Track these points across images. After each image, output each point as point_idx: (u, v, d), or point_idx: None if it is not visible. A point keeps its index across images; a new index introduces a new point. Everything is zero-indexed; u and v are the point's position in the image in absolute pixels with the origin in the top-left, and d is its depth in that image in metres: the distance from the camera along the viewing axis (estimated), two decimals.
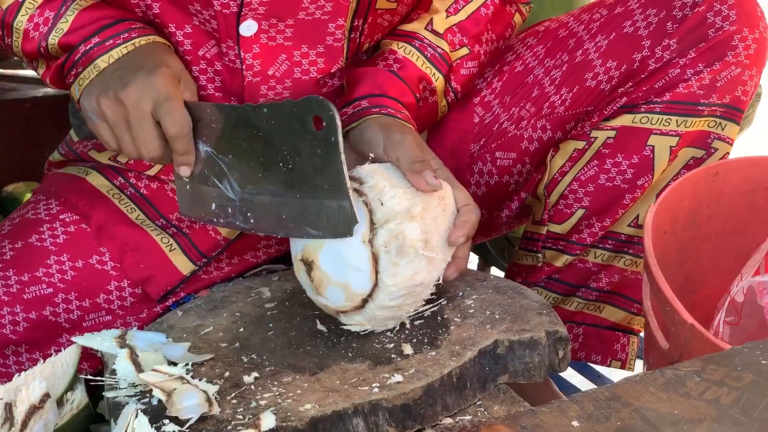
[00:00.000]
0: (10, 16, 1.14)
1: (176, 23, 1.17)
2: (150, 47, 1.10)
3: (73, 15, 1.12)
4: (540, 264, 1.31)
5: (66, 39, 1.12)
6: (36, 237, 1.21)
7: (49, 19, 1.13)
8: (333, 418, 0.90)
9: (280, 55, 1.18)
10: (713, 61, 1.18)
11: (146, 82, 1.04)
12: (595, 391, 0.87)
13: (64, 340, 1.20)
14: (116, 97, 1.05)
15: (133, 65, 1.07)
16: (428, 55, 1.23)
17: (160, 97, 1.04)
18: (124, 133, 1.06)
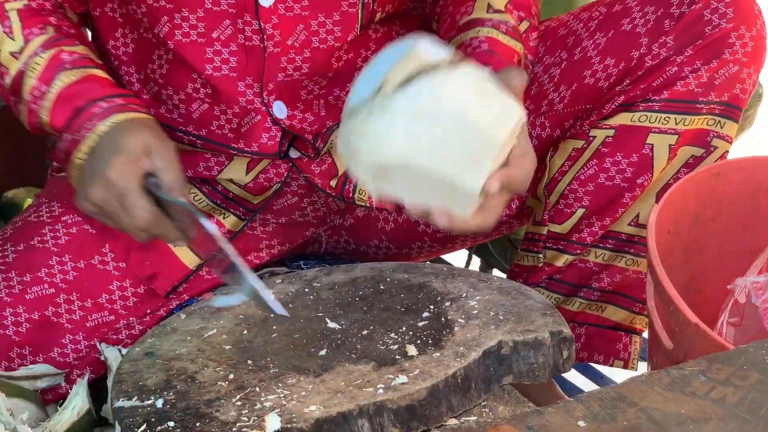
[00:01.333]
0: (18, 85, 1.15)
1: (188, 7, 1.15)
2: (113, 131, 1.10)
3: (55, 93, 1.13)
4: (541, 264, 1.31)
5: (51, 124, 1.13)
6: (38, 239, 1.21)
7: (44, 93, 1.13)
8: (338, 419, 0.90)
9: (298, 25, 1.17)
10: (711, 59, 1.18)
11: (102, 180, 1.05)
12: (601, 391, 0.87)
13: (67, 341, 1.19)
14: (88, 200, 1.07)
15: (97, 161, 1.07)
16: (504, 30, 1.17)
17: (116, 191, 1.05)
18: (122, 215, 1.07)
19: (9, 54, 1.15)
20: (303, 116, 1.23)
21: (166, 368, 0.99)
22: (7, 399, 1.06)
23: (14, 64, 1.15)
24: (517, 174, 1.01)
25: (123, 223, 1.07)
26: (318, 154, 1.26)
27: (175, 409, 0.92)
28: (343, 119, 0.97)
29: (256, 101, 1.21)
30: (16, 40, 1.15)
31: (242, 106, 1.21)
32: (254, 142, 1.22)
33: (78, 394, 1.11)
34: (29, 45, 1.15)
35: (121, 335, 1.22)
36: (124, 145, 1.06)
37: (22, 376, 1.14)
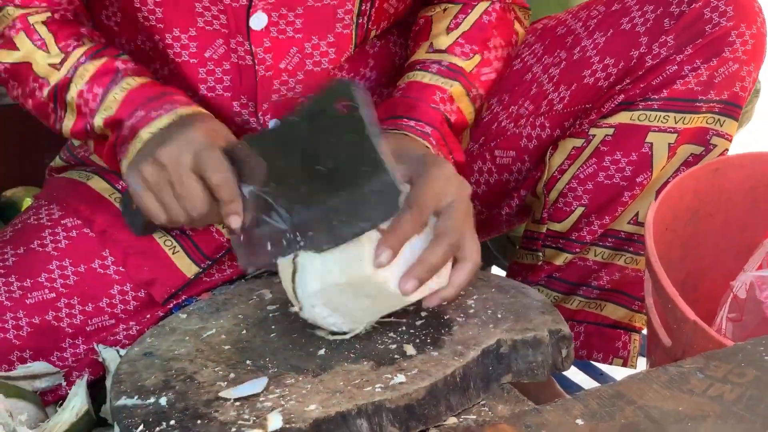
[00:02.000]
0: (62, 91, 1.13)
1: (180, 27, 1.16)
2: (191, 115, 1.08)
3: (122, 95, 1.11)
4: (540, 263, 1.31)
5: (115, 117, 1.11)
6: (38, 242, 1.20)
7: (98, 95, 1.11)
8: (337, 419, 0.90)
9: (291, 48, 1.17)
10: (710, 57, 1.18)
11: (182, 137, 1.02)
12: (599, 389, 0.87)
13: (67, 345, 1.19)
14: (155, 160, 1.02)
15: (174, 130, 1.05)
16: (434, 71, 1.18)
17: (197, 148, 1.01)
18: (168, 196, 1.03)
19: (48, 65, 1.13)
20: None
21: (165, 368, 0.99)
22: (6, 399, 1.06)
23: (56, 74, 1.13)
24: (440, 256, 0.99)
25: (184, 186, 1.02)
26: None
27: (174, 410, 0.92)
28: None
29: (252, 121, 1.21)
30: (52, 53, 1.13)
31: (238, 125, 1.21)
32: None
33: (77, 394, 1.11)
34: (71, 55, 1.13)
35: (119, 336, 1.22)
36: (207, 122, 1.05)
37: (21, 375, 1.14)
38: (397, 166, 1.00)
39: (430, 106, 1.15)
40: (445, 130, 1.15)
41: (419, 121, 1.13)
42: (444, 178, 1.01)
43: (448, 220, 1.00)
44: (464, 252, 1.01)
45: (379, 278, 0.96)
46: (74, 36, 1.15)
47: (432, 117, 1.15)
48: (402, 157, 1.02)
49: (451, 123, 1.17)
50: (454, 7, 1.23)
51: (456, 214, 1.00)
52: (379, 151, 0.93)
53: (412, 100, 1.16)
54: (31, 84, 1.15)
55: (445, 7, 1.24)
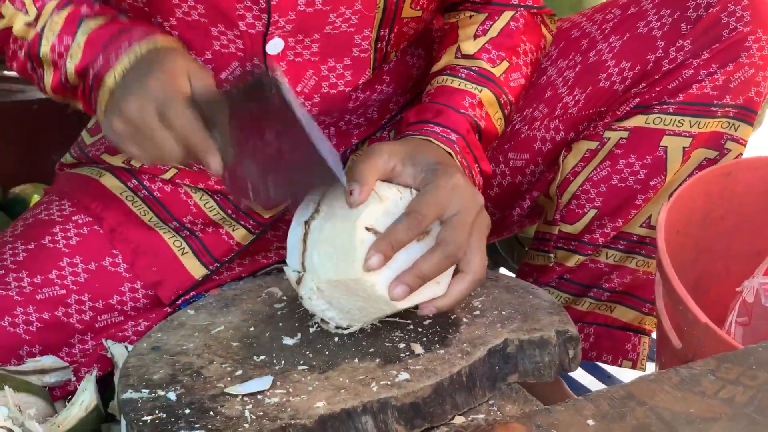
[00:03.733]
0: (35, 48, 1.13)
1: (196, 50, 1.15)
2: (151, 53, 1.06)
3: (84, 38, 1.10)
4: (552, 264, 1.31)
5: (80, 65, 1.10)
6: (49, 238, 1.21)
7: (68, 45, 1.11)
8: (342, 416, 0.90)
9: (307, 71, 1.17)
10: (727, 62, 1.18)
11: (142, 89, 1.00)
12: (610, 389, 0.86)
13: (76, 341, 1.19)
14: (121, 114, 1.01)
15: (134, 76, 1.04)
16: (463, 75, 1.17)
17: (157, 98, 0.99)
18: (145, 144, 1.02)
19: (24, 25, 1.13)
20: None
21: (173, 363, 0.99)
22: (15, 394, 1.06)
23: (31, 32, 1.12)
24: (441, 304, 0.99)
25: (156, 139, 0.99)
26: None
27: (181, 404, 0.92)
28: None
29: None
30: (29, 12, 1.13)
31: None
32: None
33: (86, 389, 1.11)
34: (44, 11, 1.12)
35: (128, 332, 1.22)
36: (169, 61, 1.02)
37: (30, 370, 1.14)
38: (406, 170, 1.00)
39: (458, 111, 1.13)
40: (471, 138, 1.13)
41: (445, 128, 1.11)
42: (451, 188, 0.98)
43: (450, 230, 0.97)
44: (467, 264, 0.99)
45: (367, 281, 0.96)
46: None
47: (458, 123, 1.12)
48: (414, 161, 1.01)
49: (481, 129, 1.15)
50: (479, 15, 1.22)
51: (460, 225, 0.97)
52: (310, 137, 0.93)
53: (440, 105, 1.14)
54: (11, 47, 1.15)
55: (470, 14, 1.23)
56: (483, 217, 1.01)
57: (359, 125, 1.26)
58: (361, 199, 0.96)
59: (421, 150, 1.03)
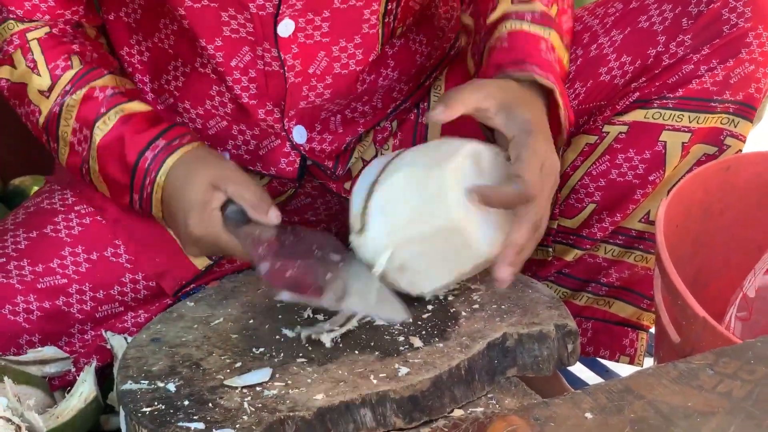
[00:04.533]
0: (53, 127, 1.15)
1: (206, 37, 1.15)
2: (172, 179, 1.11)
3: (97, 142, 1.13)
4: (550, 258, 1.31)
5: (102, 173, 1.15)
6: (51, 227, 1.21)
7: (88, 138, 1.14)
8: (340, 408, 0.90)
9: (319, 53, 1.17)
10: (727, 58, 1.18)
11: (189, 235, 1.08)
12: (608, 383, 0.86)
13: (76, 331, 1.20)
14: (192, 254, 1.15)
15: (174, 216, 1.11)
16: (529, 19, 1.14)
17: (207, 241, 1.08)
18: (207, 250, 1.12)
19: (38, 92, 1.15)
20: (321, 137, 1.24)
21: (172, 354, 0.99)
22: (15, 385, 1.06)
23: (45, 103, 1.14)
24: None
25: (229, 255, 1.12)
26: (336, 177, 1.26)
27: (180, 395, 0.93)
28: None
29: (276, 126, 1.21)
30: (43, 76, 1.14)
31: (262, 129, 1.21)
32: (273, 166, 1.23)
33: (85, 381, 1.11)
34: (58, 83, 1.14)
35: (128, 324, 1.22)
36: (190, 194, 1.08)
37: (30, 360, 1.14)
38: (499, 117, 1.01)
39: (541, 56, 1.11)
40: (561, 86, 1.12)
41: (542, 69, 1.09)
42: (543, 156, 1.01)
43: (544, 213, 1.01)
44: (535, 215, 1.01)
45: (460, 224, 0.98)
46: (63, 56, 1.15)
47: (551, 69, 1.10)
48: (510, 112, 1.02)
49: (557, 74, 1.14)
50: None
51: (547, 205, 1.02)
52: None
53: (523, 50, 1.12)
54: (27, 107, 1.17)
55: None
56: (556, 181, 1.05)
57: (365, 113, 1.26)
58: (444, 117, 0.98)
59: (517, 101, 1.03)
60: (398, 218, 1.00)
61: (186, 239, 1.10)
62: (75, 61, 1.15)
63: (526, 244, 1.00)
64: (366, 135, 1.28)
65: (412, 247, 1.00)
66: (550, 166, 1.02)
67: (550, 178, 1.02)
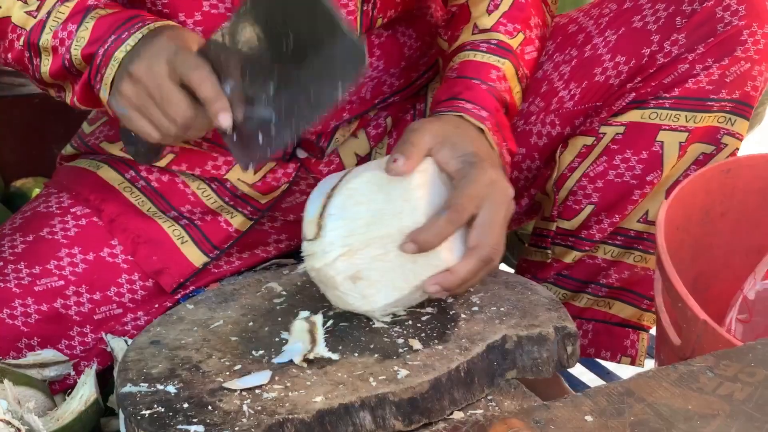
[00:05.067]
0: (35, 36, 1.11)
1: (186, 11, 1.15)
2: (160, 27, 1.07)
3: (92, 23, 1.09)
4: (549, 260, 1.31)
5: (87, 49, 1.09)
6: (47, 230, 1.21)
7: (72, 32, 1.10)
8: (340, 411, 0.90)
9: None
10: (722, 57, 1.18)
11: (152, 48, 1.02)
12: (609, 386, 0.86)
13: (75, 333, 1.19)
14: (130, 77, 1.03)
15: (143, 45, 1.05)
16: (484, 49, 1.16)
17: (169, 54, 1.01)
18: (152, 108, 1.02)
19: (24, 14, 1.12)
20: None
21: (171, 357, 0.99)
22: (15, 387, 1.06)
23: (31, 20, 1.11)
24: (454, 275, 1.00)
25: (165, 98, 1.02)
26: (323, 154, 1.26)
27: (179, 398, 0.92)
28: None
29: None
30: (30, 2, 1.12)
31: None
32: None
33: (86, 383, 1.11)
34: (46, 1, 1.11)
35: (128, 326, 1.22)
36: (175, 30, 1.05)
37: (30, 363, 1.14)
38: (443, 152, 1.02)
39: (486, 83, 1.13)
40: (500, 117, 1.13)
41: (475, 104, 1.11)
42: (486, 183, 1.01)
43: (483, 233, 1.00)
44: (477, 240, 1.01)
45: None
46: None
47: (487, 101, 1.12)
48: (452, 145, 1.02)
49: (507, 104, 1.15)
50: None
51: (491, 226, 1.01)
52: (333, 14, 0.94)
53: (468, 80, 1.14)
54: (8, 36, 1.13)
55: None
56: (510, 209, 1.04)
57: (351, 102, 1.25)
58: (405, 170, 0.98)
59: (458, 134, 1.04)
60: (358, 221, 0.99)
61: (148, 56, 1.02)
62: None
63: (470, 276, 1.01)
64: (354, 119, 1.28)
65: (369, 251, 0.99)
66: (498, 195, 1.01)
67: (501, 207, 1.01)
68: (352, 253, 0.98)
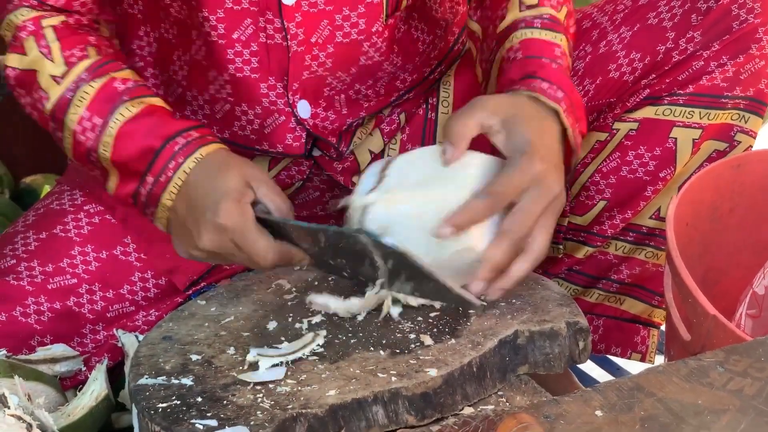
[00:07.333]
0: (60, 113, 1.10)
1: (208, 8, 1.14)
2: (202, 168, 1.05)
3: (116, 128, 1.07)
4: (561, 255, 1.31)
5: (116, 159, 1.08)
6: (60, 228, 1.21)
7: (97, 126, 1.08)
8: (353, 405, 0.90)
9: (322, 21, 1.16)
10: (737, 54, 1.18)
11: (215, 224, 1.01)
12: (618, 381, 0.86)
13: (88, 331, 1.20)
14: (198, 248, 1.04)
15: (197, 202, 1.04)
16: (539, 25, 1.13)
17: (234, 235, 1.01)
18: (238, 257, 1.04)
19: (50, 77, 1.10)
20: (325, 114, 1.23)
21: (184, 352, 1.00)
22: (25, 382, 1.07)
23: (56, 89, 1.09)
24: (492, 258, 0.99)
25: (239, 260, 1.05)
26: (341, 155, 1.26)
27: (192, 392, 0.93)
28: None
29: (279, 102, 1.20)
30: (56, 62, 1.10)
31: (265, 107, 1.20)
32: (279, 143, 1.22)
33: (97, 379, 1.12)
34: (73, 70, 1.09)
35: (139, 323, 1.23)
36: (224, 184, 1.02)
37: (41, 359, 1.15)
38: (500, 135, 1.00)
39: (556, 63, 1.09)
40: (574, 97, 1.09)
41: (552, 84, 1.06)
42: (532, 176, 0.98)
43: (516, 219, 0.98)
44: (529, 244, 0.99)
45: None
46: (80, 45, 1.11)
47: (563, 81, 1.08)
48: (510, 129, 1.00)
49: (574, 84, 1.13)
50: None
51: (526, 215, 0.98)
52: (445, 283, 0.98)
53: (538, 59, 1.10)
54: (34, 95, 1.11)
55: None
56: (558, 202, 1.00)
57: (368, 97, 1.25)
58: (456, 158, 0.98)
59: (522, 119, 1.01)
60: (410, 180, 1.01)
61: (207, 229, 1.02)
62: (92, 52, 1.11)
63: (502, 261, 0.98)
64: (369, 120, 1.28)
65: (408, 207, 0.99)
66: (543, 188, 0.98)
67: (542, 199, 0.98)
68: (392, 203, 1.00)
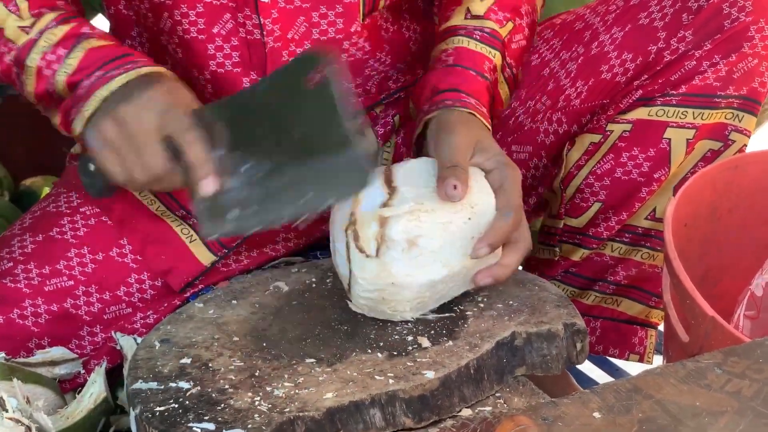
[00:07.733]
0: (24, 54, 1.11)
1: (188, 3, 1.14)
2: (153, 74, 1.07)
3: (82, 53, 1.09)
4: (557, 258, 1.31)
5: (72, 78, 1.09)
6: (57, 230, 1.21)
7: (62, 56, 1.09)
8: (350, 408, 0.90)
9: (299, 18, 1.16)
10: (730, 53, 1.18)
11: (144, 96, 1.01)
12: (617, 383, 0.86)
13: (85, 333, 1.20)
14: (116, 118, 1.01)
15: (134, 89, 1.04)
16: (477, 37, 1.18)
17: (161, 108, 1.01)
18: (129, 154, 1.02)
19: (17, 28, 1.11)
20: None
21: (181, 355, 1.00)
22: (24, 385, 1.06)
23: (23, 37, 1.10)
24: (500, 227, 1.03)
25: (145, 150, 1.01)
26: None
27: (190, 396, 0.93)
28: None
29: None
30: (24, 16, 1.11)
31: None
32: None
33: (95, 382, 1.11)
34: (41, 19, 1.11)
35: (137, 325, 1.23)
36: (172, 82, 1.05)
37: (39, 362, 1.15)
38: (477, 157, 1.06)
39: (483, 78, 1.16)
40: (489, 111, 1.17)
41: (478, 101, 1.14)
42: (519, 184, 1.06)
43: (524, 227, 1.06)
44: (518, 234, 1.05)
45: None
46: (48, 5, 1.12)
47: (483, 96, 1.15)
48: (482, 149, 1.07)
49: (494, 97, 1.19)
50: None
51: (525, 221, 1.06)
52: (346, 127, 0.94)
53: (466, 71, 1.16)
54: (1, 47, 1.12)
55: None
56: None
57: (358, 95, 1.26)
58: (462, 196, 1.01)
59: (483, 137, 1.09)
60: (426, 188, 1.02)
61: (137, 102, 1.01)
62: (60, 8, 1.12)
63: (516, 268, 1.06)
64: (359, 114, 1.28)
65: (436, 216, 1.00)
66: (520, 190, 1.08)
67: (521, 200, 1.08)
68: (419, 213, 1.00)
